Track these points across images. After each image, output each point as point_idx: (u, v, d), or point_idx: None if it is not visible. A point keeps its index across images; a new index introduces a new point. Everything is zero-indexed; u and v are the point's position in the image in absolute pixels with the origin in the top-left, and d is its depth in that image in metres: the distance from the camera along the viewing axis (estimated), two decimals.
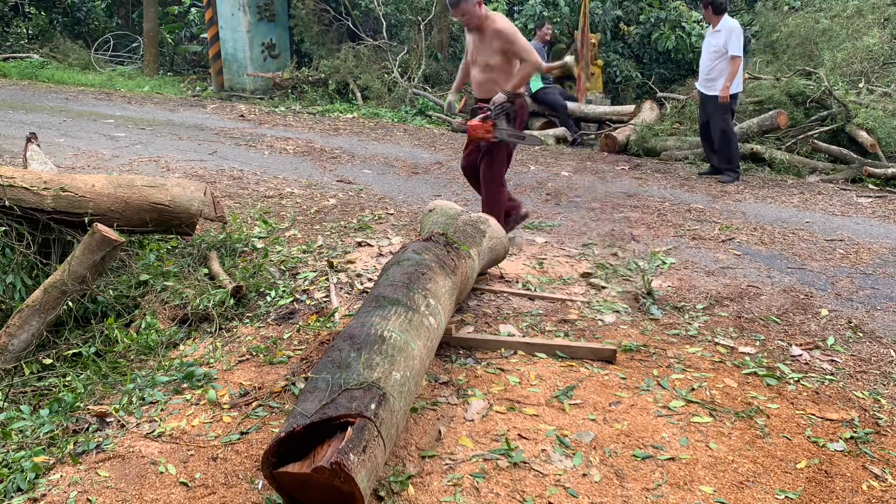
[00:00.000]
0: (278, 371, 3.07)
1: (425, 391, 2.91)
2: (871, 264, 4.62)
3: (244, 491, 2.29)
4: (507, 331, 3.50)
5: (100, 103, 10.93)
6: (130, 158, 7.19)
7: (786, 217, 5.78)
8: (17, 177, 3.88)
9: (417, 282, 2.92)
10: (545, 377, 3.06)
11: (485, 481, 2.35)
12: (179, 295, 3.80)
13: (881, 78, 8.83)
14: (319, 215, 5.45)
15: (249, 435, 2.60)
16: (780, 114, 8.01)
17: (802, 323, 3.70)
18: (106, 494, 2.26)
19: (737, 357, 3.32)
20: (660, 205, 6.09)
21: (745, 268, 4.52)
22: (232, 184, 6.32)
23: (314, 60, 12.18)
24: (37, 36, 15.79)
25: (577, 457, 2.50)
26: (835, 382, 3.11)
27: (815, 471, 2.49)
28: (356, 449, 2.00)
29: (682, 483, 2.39)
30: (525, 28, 12.17)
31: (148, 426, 2.67)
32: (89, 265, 3.55)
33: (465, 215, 4.10)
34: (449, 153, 8.21)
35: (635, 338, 3.49)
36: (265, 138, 8.64)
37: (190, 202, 4.18)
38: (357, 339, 2.45)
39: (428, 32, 11.92)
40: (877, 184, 6.86)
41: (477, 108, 4.54)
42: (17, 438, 2.63)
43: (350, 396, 2.15)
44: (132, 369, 3.20)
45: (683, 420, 2.77)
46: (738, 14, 12.18)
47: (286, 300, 3.81)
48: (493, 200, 4.63)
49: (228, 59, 12.12)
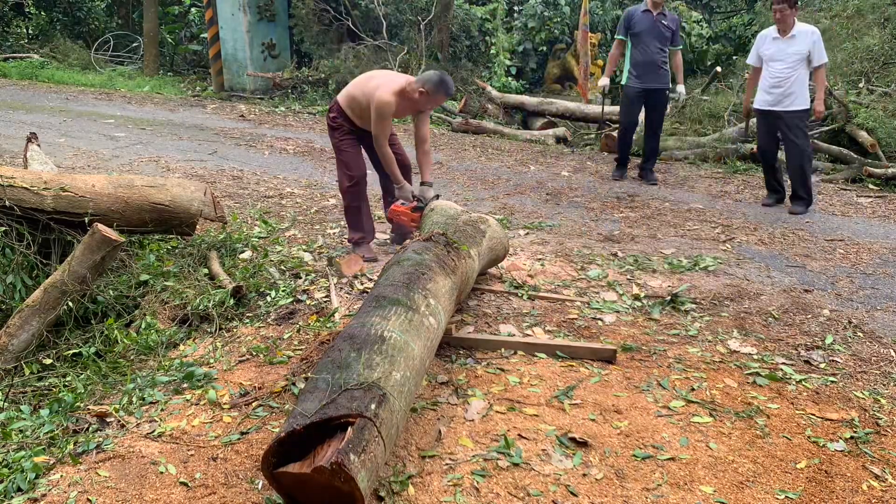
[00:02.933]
0: (278, 371, 3.07)
1: (425, 391, 2.91)
2: (871, 264, 4.62)
3: (244, 491, 2.29)
4: (507, 331, 3.50)
5: (100, 103, 10.93)
6: (130, 158, 7.19)
7: (786, 217, 5.78)
8: (17, 177, 3.88)
9: (417, 282, 2.92)
10: (545, 377, 3.06)
11: (485, 481, 2.35)
12: (179, 295, 3.80)
13: (881, 78, 8.82)
14: (319, 215, 5.45)
15: (249, 435, 2.60)
16: None
17: (802, 323, 3.70)
18: (106, 494, 2.26)
19: (737, 357, 3.32)
20: (660, 205, 6.09)
21: (745, 268, 4.52)
22: (232, 184, 6.32)
23: (314, 60, 12.18)
24: (37, 36, 15.80)
25: (577, 457, 2.50)
26: (835, 382, 3.10)
27: (815, 471, 2.49)
28: (356, 449, 2.00)
29: (682, 483, 2.39)
30: (525, 27, 12.19)
31: (148, 426, 2.67)
32: (89, 265, 3.55)
33: (465, 215, 4.10)
34: (449, 153, 8.21)
35: (635, 338, 3.49)
36: (265, 138, 8.64)
37: (190, 202, 4.17)
38: (357, 339, 2.44)
39: (428, 32, 11.92)
40: (877, 184, 6.86)
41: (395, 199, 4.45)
42: (17, 438, 2.62)
43: (350, 396, 2.15)
44: (132, 369, 3.20)
45: (683, 420, 2.77)
46: (738, 14, 12.20)
47: (286, 300, 3.81)
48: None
49: (228, 59, 12.11)
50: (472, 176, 7.09)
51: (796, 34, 5.75)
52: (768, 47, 5.92)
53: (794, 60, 5.74)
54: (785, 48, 5.79)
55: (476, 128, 9.86)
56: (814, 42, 5.71)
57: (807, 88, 5.83)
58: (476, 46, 12.42)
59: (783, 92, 5.82)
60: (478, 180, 6.91)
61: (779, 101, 5.85)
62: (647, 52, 6.52)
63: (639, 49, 6.55)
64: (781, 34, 5.81)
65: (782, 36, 5.81)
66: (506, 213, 5.63)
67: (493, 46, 11.96)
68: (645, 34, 6.51)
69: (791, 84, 5.78)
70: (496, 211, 5.74)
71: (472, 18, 12.23)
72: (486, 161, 7.89)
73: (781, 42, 5.82)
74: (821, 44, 5.76)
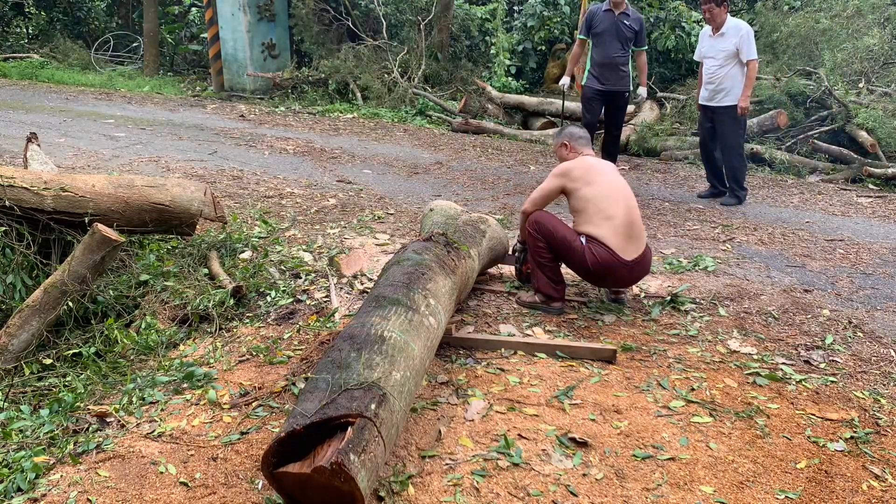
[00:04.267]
0: (278, 371, 3.07)
1: (425, 391, 2.91)
2: (871, 264, 4.62)
3: (244, 491, 2.29)
4: (507, 331, 3.50)
5: (100, 103, 10.93)
6: (130, 158, 7.18)
7: (786, 217, 5.78)
8: (17, 177, 3.88)
9: (417, 282, 2.92)
10: (545, 377, 3.06)
11: (485, 481, 2.35)
12: (179, 295, 3.80)
13: (881, 78, 8.83)
14: (319, 215, 5.45)
15: (249, 435, 2.60)
16: (780, 114, 8.02)
17: (802, 323, 3.70)
18: (106, 494, 2.26)
19: (737, 357, 3.32)
20: (660, 205, 6.09)
21: (745, 268, 4.52)
22: (232, 184, 6.32)
23: (314, 60, 12.18)
24: (37, 36, 15.80)
25: (577, 457, 2.50)
26: (835, 382, 3.10)
27: (815, 471, 2.49)
28: (356, 449, 2.00)
29: (682, 483, 2.39)
30: (525, 27, 12.19)
31: (148, 426, 2.67)
32: (89, 265, 3.55)
33: (465, 215, 4.10)
34: (449, 153, 8.21)
35: (635, 338, 3.49)
36: (265, 138, 8.64)
37: (190, 202, 4.17)
38: (357, 339, 2.44)
39: (428, 32, 11.92)
40: (877, 184, 6.86)
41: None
42: (17, 438, 2.62)
43: (350, 396, 2.15)
44: (132, 369, 3.20)
45: (683, 420, 2.77)
46: (738, 14, 12.19)
47: (286, 300, 3.81)
48: None
49: (228, 59, 12.11)
50: (472, 176, 7.09)
51: (726, 31, 5.86)
52: (704, 44, 6.08)
53: (723, 57, 5.87)
54: (716, 45, 5.94)
55: (476, 128, 9.86)
56: (741, 37, 5.79)
57: (740, 85, 5.90)
58: (476, 46, 12.42)
59: (715, 88, 5.97)
60: (478, 180, 6.91)
61: (713, 96, 6.02)
62: (607, 52, 6.39)
63: (599, 49, 6.43)
64: (714, 31, 5.96)
65: (714, 33, 5.96)
66: (506, 213, 5.63)
67: (493, 46, 11.96)
68: (606, 34, 6.37)
69: (722, 80, 5.91)
70: (496, 211, 5.75)
71: (472, 18, 12.23)
72: (486, 161, 7.89)
73: (713, 39, 5.97)
74: (749, 39, 5.82)
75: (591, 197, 3.61)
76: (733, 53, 5.84)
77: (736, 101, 5.91)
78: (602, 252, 3.53)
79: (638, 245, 3.60)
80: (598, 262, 3.53)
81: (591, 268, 3.56)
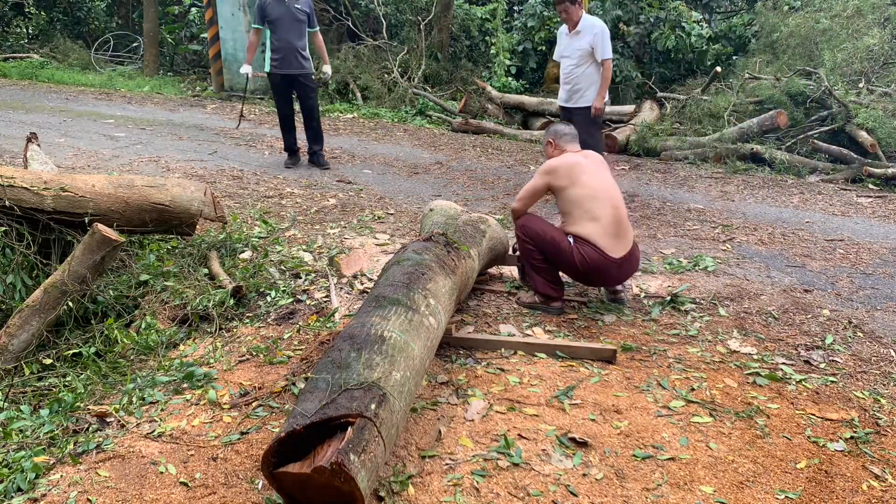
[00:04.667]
0: (278, 371, 3.07)
1: (425, 391, 2.91)
2: (871, 264, 4.62)
3: (244, 491, 2.29)
4: (507, 331, 3.50)
5: (100, 103, 10.93)
6: (130, 158, 7.18)
7: (786, 217, 5.78)
8: (17, 177, 3.88)
9: (417, 282, 2.92)
10: (545, 377, 3.06)
11: (485, 481, 2.35)
12: (179, 295, 3.80)
13: (881, 78, 8.82)
14: (319, 215, 5.45)
15: (249, 435, 2.60)
16: (780, 114, 8.02)
17: (802, 323, 3.70)
18: (106, 494, 2.26)
19: (737, 357, 3.32)
20: (660, 205, 6.09)
21: (745, 268, 4.52)
22: (232, 184, 6.32)
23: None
24: (37, 36, 15.79)
25: (577, 457, 2.50)
26: (835, 382, 3.10)
27: (815, 471, 2.49)
28: (356, 449, 2.00)
29: (682, 483, 2.39)
30: (525, 27, 12.19)
31: (148, 426, 2.67)
32: (89, 265, 3.55)
33: (465, 215, 4.10)
34: (449, 153, 8.21)
35: (635, 338, 3.49)
36: (265, 138, 8.64)
37: (190, 202, 4.17)
38: (357, 339, 2.44)
39: (428, 32, 11.92)
40: (877, 184, 6.86)
41: None
42: (17, 438, 2.62)
43: (350, 396, 2.15)
44: (132, 369, 3.20)
45: (683, 420, 2.77)
46: (738, 14, 12.19)
47: (286, 300, 3.81)
48: None
49: (228, 59, 12.11)
50: (471, 176, 7.09)
51: (581, 29, 5.68)
52: (561, 43, 5.90)
53: (579, 56, 5.69)
54: (572, 43, 5.75)
55: (476, 128, 9.86)
56: (595, 35, 5.60)
57: (597, 85, 5.74)
58: (476, 46, 12.42)
59: (571, 88, 5.82)
60: (478, 180, 6.91)
61: (569, 97, 5.86)
62: (284, 38, 6.60)
63: (277, 36, 6.62)
64: (570, 30, 5.78)
65: (570, 31, 5.78)
66: (506, 214, 5.62)
67: (493, 46, 11.96)
68: (281, 21, 6.58)
69: (578, 80, 5.75)
70: (496, 211, 5.75)
71: (472, 18, 12.23)
72: (486, 161, 7.89)
73: (570, 38, 5.78)
74: (604, 38, 5.62)
75: (577, 198, 3.62)
76: (588, 52, 5.67)
77: (590, 103, 5.76)
78: (591, 252, 3.55)
79: (626, 242, 3.62)
80: (587, 262, 3.55)
81: (581, 268, 3.58)
